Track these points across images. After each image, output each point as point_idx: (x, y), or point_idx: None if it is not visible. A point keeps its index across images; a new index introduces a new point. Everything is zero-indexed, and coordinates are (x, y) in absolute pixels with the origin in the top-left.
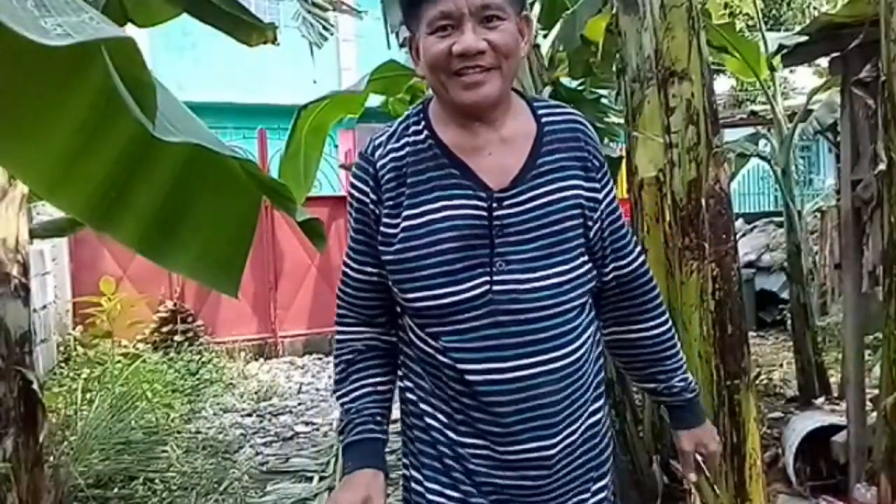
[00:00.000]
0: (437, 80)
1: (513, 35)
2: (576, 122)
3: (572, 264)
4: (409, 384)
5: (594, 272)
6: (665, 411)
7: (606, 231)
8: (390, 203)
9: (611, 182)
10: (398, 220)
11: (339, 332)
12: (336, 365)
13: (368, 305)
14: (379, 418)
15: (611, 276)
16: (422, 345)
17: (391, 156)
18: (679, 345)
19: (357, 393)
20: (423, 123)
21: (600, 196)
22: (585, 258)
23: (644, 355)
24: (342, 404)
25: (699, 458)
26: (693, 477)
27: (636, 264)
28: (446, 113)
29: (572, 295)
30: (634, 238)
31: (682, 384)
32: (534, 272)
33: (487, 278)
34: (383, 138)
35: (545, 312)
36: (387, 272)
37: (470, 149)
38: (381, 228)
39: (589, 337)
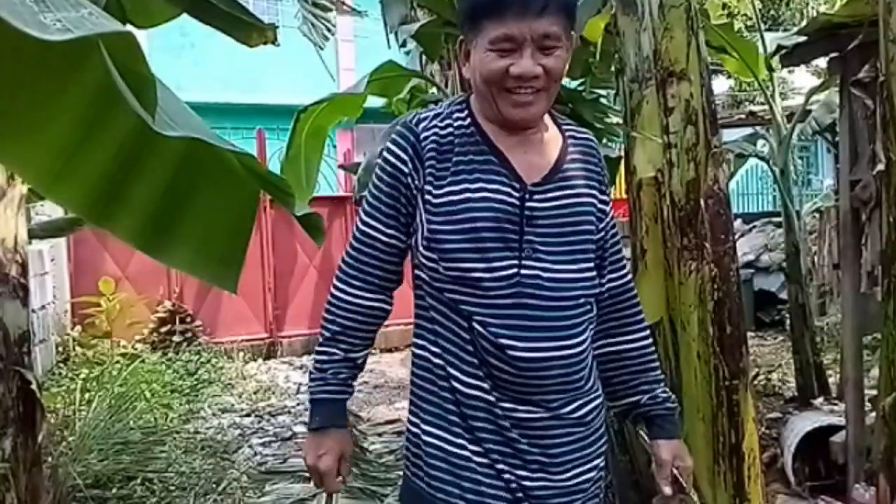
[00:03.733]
0: (488, 91)
1: (565, 61)
2: (591, 141)
3: (586, 264)
4: (437, 349)
5: (598, 279)
6: (634, 426)
7: (608, 242)
8: (432, 175)
9: (610, 196)
10: (442, 192)
11: (339, 291)
12: (328, 323)
13: (379, 269)
14: (350, 382)
15: (605, 286)
16: (449, 313)
17: (435, 131)
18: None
19: (338, 357)
20: (466, 112)
21: (607, 208)
22: (595, 263)
23: (630, 366)
24: (321, 361)
25: (675, 471)
26: (668, 490)
27: (627, 279)
28: (487, 110)
29: (584, 291)
30: (623, 253)
31: (664, 394)
32: (556, 263)
33: (517, 262)
34: (429, 114)
35: (563, 303)
36: (425, 239)
37: (507, 144)
38: (426, 197)
39: (591, 332)
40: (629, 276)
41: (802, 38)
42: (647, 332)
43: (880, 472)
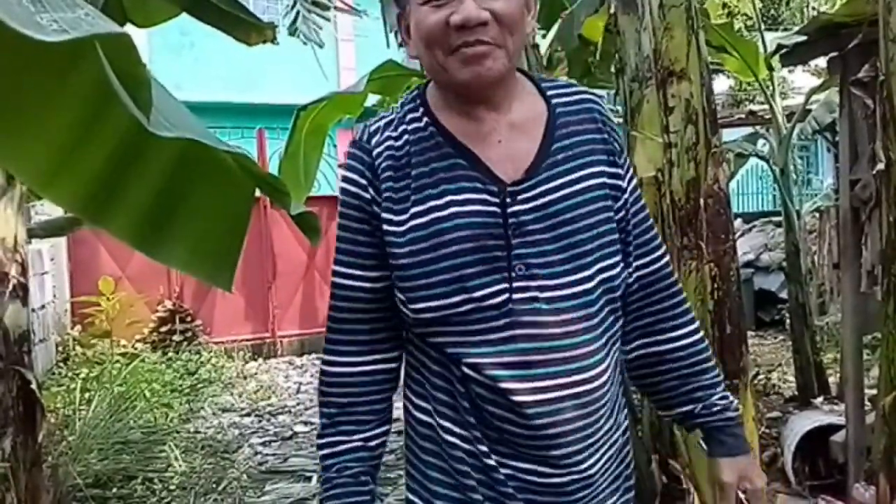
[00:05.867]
0: (434, 58)
1: (518, 5)
2: (590, 101)
3: (602, 265)
4: (429, 406)
5: (624, 274)
6: (685, 435)
7: (631, 223)
8: (391, 199)
9: (631, 168)
10: (405, 218)
11: (329, 364)
12: (323, 406)
13: (368, 324)
14: (363, 478)
15: (634, 276)
16: (436, 360)
17: (388, 144)
18: (714, 357)
19: (343, 447)
20: (421, 110)
21: (623, 183)
22: (618, 258)
23: (677, 370)
24: (323, 457)
25: (742, 495)
26: None
27: (661, 262)
28: (446, 98)
29: (601, 303)
30: (658, 234)
31: (723, 402)
32: (556, 277)
33: (506, 285)
34: (380, 124)
35: (571, 326)
36: (395, 278)
37: (476, 137)
38: (385, 227)
39: (616, 351)
40: (665, 260)
41: (802, 38)
42: (695, 326)
43: (880, 471)
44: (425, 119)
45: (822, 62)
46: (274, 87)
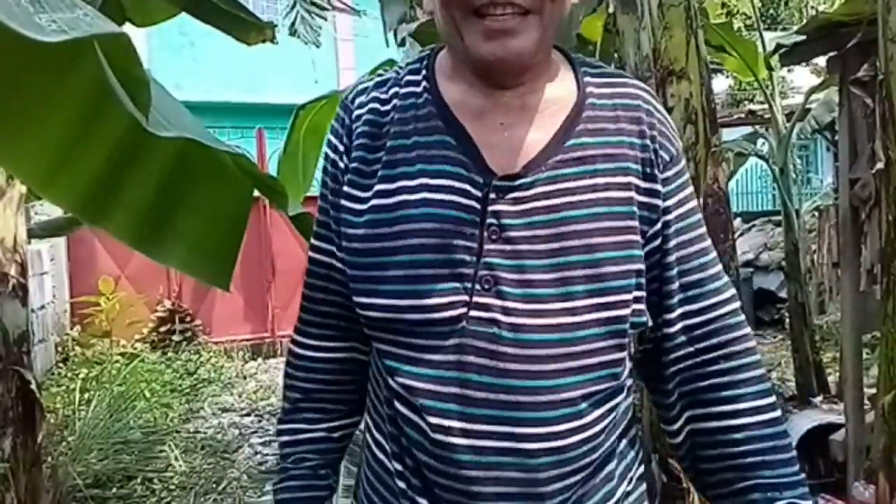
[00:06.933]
0: (450, 21)
1: None
2: (637, 97)
3: (603, 300)
4: (380, 437)
5: (643, 319)
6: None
7: (674, 256)
8: (358, 172)
9: (688, 186)
10: (367, 195)
11: (297, 346)
12: (288, 389)
13: (343, 308)
14: (322, 471)
15: (678, 326)
16: (376, 369)
17: (371, 107)
18: (793, 450)
19: (304, 436)
20: (423, 73)
21: (662, 203)
22: (637, 293)
23: (731, 458)
24: (282, 444)
25: None
26: None
27: (719, 312)
28: (456, 66)
29: (597, 345)
30: (722, 273)
31: None
32: (533, 302)
33: (465, 297)
34: (370, 84)
35: (536, 367)
36: (345, 264)
37: (477, 115)
38: (343, 202)
39: (619, 409)
40: (727, 309)
41: (802, 37)
42: (765, 402)
43: (880, 470)
44: (423, 84)
45: (821, 61)
46: (274, 87)
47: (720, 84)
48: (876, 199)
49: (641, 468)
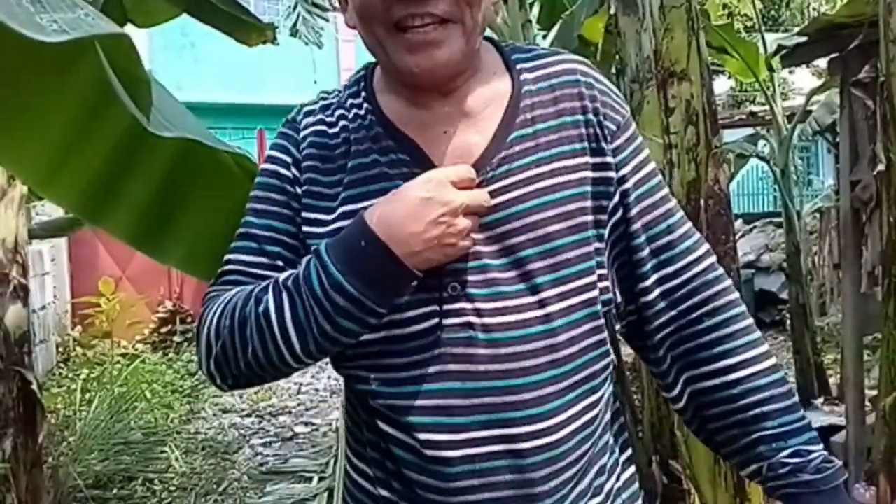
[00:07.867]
0: (373, 36)
1: None
2: (574, 72)
3: (569, 286)
4: (363, 465)
5: (610, 296)
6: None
7: (639, 223)
8: (315, 195)
9: (641, 151)
10: (331, 218)
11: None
12: (203, 321)
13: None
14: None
15: (656, 292)
16: (353, 397)
17: (317, 129)
18: (794, 395)
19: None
20: (363, 94)
21: (618, 173)
22: (595, 276)
23: (732, 415)
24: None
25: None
26: None
27: (698, 268)
28: (389, 80)
29: (574, 332)
30: (692, 230)
31: (794, 460)
32: (500, 300)
33: (436, 307)
34: (316, 107)
35: (515, 365)
36: None
37: (420, 127)
38: (305, 228)
39: (601, 395)
40: (704, 265)
41: (803, 39)
42: (756, 352)
43: (880, 471)
44: (366, 105)
45: (822, 63)
46: (274, 87)
47: (721, 85)
48: (877, 200)
49: (629, 451)
